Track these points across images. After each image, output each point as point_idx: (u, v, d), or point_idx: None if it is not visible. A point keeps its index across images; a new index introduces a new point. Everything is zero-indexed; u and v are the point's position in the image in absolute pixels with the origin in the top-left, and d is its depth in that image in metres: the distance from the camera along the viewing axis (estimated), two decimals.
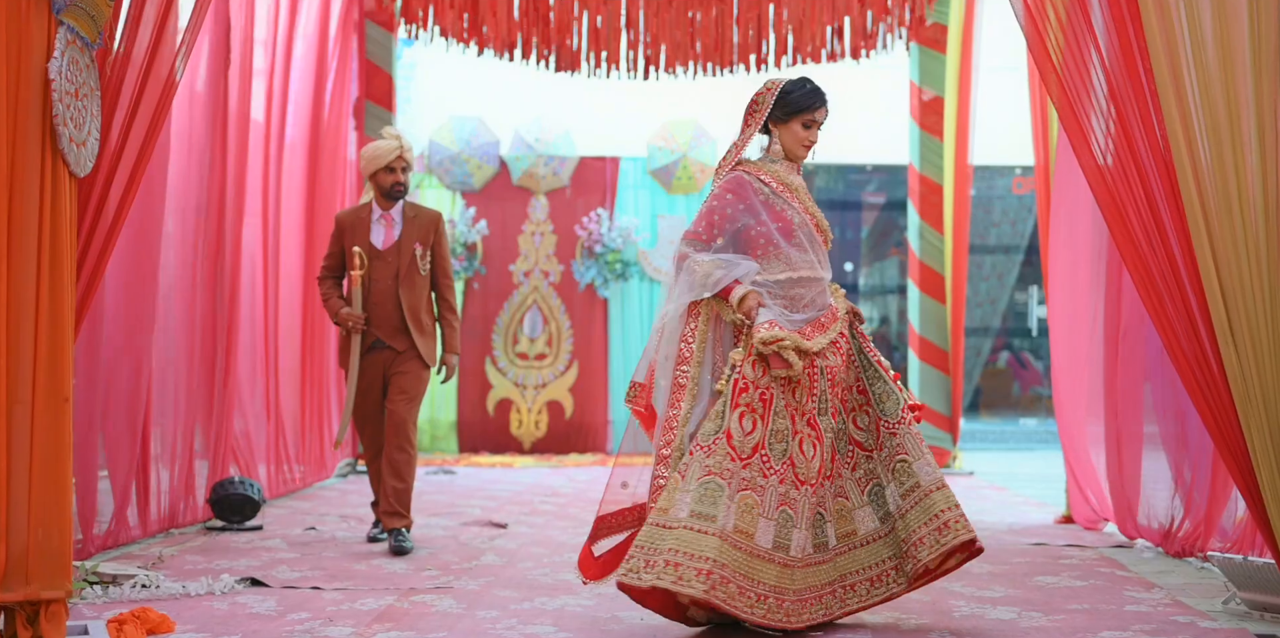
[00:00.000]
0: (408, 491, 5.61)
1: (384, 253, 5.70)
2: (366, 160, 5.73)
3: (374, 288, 5.67)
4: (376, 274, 5.67)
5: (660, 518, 3.84)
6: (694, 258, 4.11)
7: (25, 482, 3.43)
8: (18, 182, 3.43)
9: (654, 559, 3.76)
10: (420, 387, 5.71)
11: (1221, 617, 4.25)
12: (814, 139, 4.24)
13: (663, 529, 3.81)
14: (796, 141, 4.22)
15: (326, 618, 4.16)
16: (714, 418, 3.94)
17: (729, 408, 3.92)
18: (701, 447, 3.90)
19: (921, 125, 9.30)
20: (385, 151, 5.68)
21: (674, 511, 3.82)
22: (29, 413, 3.44)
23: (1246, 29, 3.86)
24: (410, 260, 5.67)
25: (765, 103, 4.20)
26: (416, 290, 5.68)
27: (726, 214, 4.14)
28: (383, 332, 5.67)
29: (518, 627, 4.06)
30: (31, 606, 3.45)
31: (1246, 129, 3.84)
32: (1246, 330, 3.82)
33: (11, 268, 3.41)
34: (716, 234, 4.14)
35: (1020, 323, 14.67)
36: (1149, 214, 4.01)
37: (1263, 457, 3.81)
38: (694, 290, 4.08)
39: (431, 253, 5.74)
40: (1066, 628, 4.09)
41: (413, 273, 5.67)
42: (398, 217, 5.74)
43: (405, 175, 5.73)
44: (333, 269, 5.84)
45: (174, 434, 6.00)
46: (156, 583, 4.56)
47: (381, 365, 5.70)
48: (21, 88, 3.44)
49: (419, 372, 5.69)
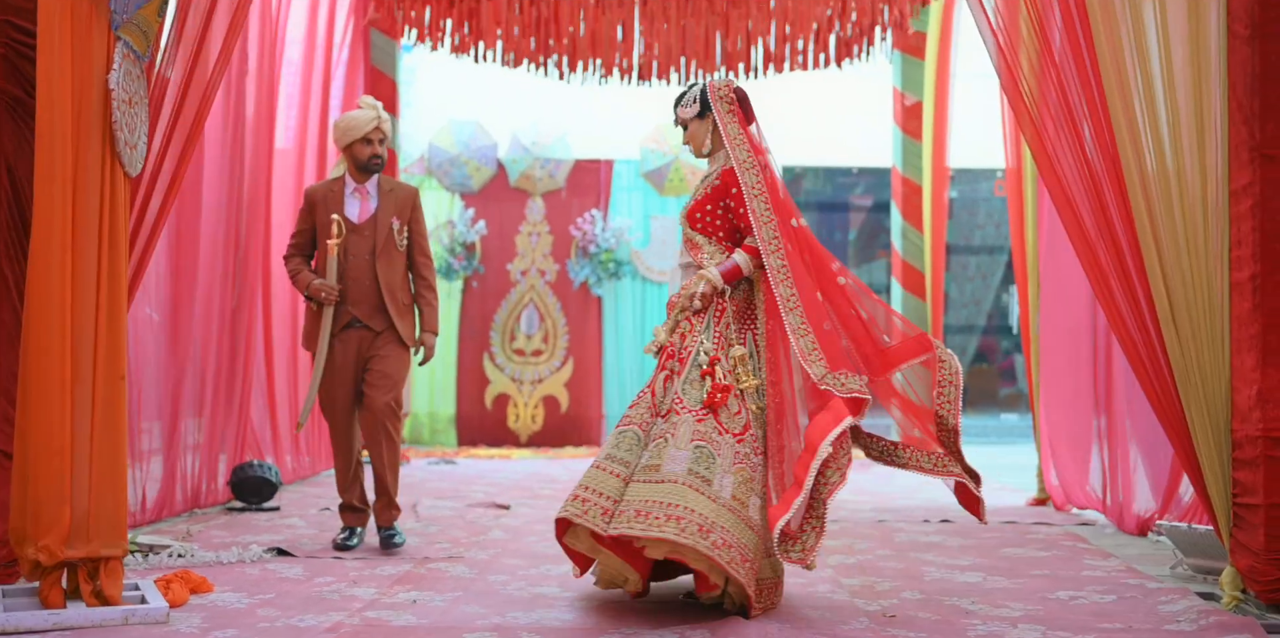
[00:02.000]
0: (394, 484, 5.33)
1: (360, 227, 5.33)
2: (341, 131, 5.37)
3: (350, 264, 5.30)
4: (352, 249, 5.30)
5: None
6: None
7: (86, 452, 3.82)
8: (80, 180, 3.82)
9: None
10: (402, 371, 5.34)
11: (1169, 580, 4.66)
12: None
13: None
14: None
15: (350, 581, 4.54)
16: None
17: None
18: None
19: (904, 129, 9.69)
20: (363, 122, 5.34)
21: None
22: (90, 391, 3.83)
23: (1187, 41, 4.27)
24: (387, 235, 5.31)
25: (746, 100, 4.53)
26: (393, 267, 5.33)
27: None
28: (359, 310, 5.29)
29: (526, 588, 4.45)
30: (92, 562, 3.84)
31: (1187, 133, 4.25)
32: (1187, 316, 4.22)
33: (76, 257, 3.80)
34: None
35: (1004, 322, 15.05)
36: (1099, 212, 4.40)
37: (1200, 432, 4.21)
38: None
39: (409, 229, 5.39)
40: (1028, 590, 4.49)
41: (389, 248, 5.31)
42: (373, 190, 5.39)
43: (382, 147, 5.39)
44: (301, 247, 5.45)
45: (198, 422, 6.36)
46: (191, 553, 4.94)
47: (356, 346, 5.31)
48: (85, 97, 3.83)
49: (399, 355, 5.32)
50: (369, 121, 5.35)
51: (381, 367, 5.28)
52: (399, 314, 5.32)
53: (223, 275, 6.53)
